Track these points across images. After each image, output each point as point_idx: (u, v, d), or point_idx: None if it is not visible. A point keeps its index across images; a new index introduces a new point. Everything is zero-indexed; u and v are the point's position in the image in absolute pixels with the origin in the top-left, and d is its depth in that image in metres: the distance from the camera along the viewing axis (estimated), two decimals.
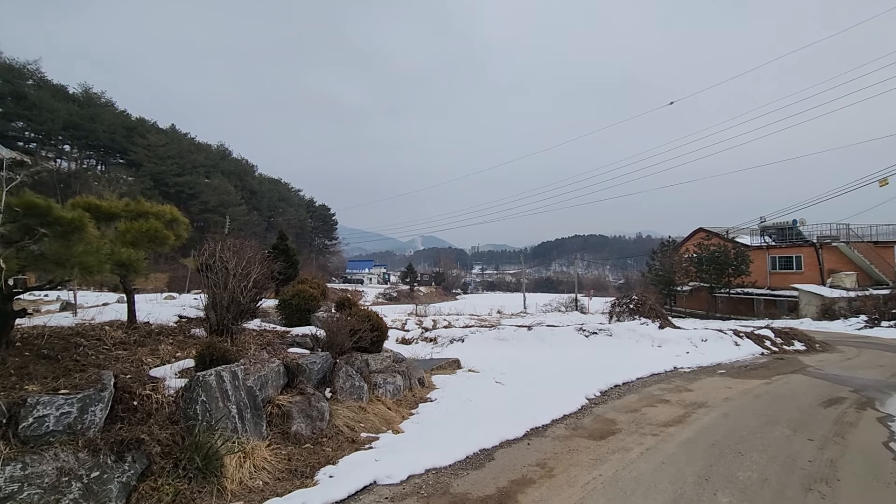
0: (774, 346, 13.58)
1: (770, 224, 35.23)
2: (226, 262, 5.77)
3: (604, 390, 8.27)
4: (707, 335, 13.09)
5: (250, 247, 7.03)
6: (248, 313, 6.14)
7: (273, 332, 6.71)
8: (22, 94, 53.52)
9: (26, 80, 56.27)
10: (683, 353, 11.99)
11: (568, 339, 13.11)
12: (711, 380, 9.44)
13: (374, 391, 6.73)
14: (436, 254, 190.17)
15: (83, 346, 4.49)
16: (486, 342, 13.90)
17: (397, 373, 7.50)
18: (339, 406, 5.82)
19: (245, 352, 5.58)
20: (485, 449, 5.12)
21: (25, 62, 56.73)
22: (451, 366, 10.88)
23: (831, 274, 30.69)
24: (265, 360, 5.54)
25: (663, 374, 9.90)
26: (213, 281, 5.83)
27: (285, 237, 11.79)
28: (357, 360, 6.95)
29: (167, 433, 3.80)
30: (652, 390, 8.46)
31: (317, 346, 6.70)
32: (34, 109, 53.70)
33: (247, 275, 5.99)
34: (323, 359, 6.19)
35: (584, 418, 6.54)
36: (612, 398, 7.83)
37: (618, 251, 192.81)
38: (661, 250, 42.36)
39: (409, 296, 67.59)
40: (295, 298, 7.33)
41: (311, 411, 5.34)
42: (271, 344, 6.18)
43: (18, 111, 53.15)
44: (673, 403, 7.46)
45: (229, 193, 68.86)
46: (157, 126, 71.04)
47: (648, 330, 13.19)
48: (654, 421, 6.41)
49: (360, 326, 7.08)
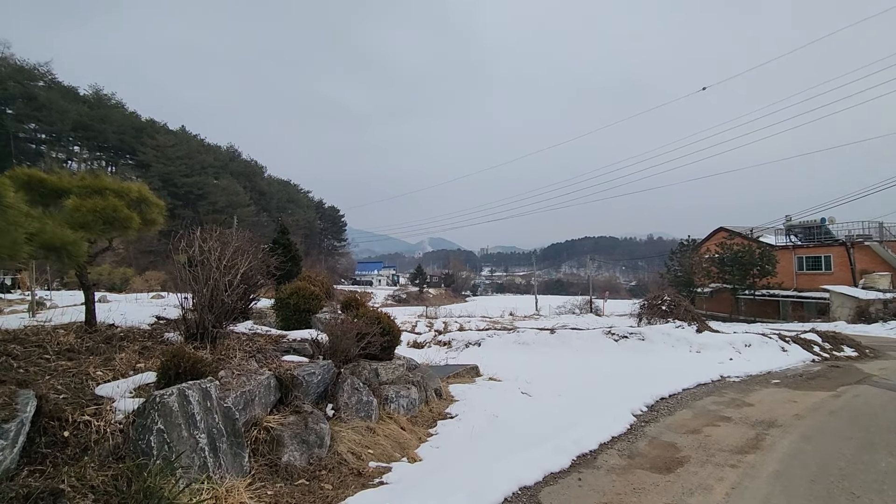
0: (824, 351, 12.30)
1: (796, 223, 33.64)
2: (207, 253, 4.77)
3: (650, 404, 7.13)
4: (750, 340, 11.86)
5: (242, 237, 6.04)
6: (234, 314, 5.15)
7: (266, 336, 5.70)
8: (32, 95, 53.56)
9: (37, 81, 56.34)
10: (726, 359, 10.78)
11: (595, 344, 11.96)
12: (768, 391, 8.25)
13: (385, 406, 5.69)
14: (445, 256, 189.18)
15: (14, 356, 3.50)
16: (505, 346, 12.81)
17: (411, 384, 6.45)
18: (342, 427, 4.78)
19: (227, 361, 4.56)
20: (526, 487, 4.04)
21: (36, 63, 56.87)
22: (470, 373, 9.81)
23: (863, 274, 29.06)
24: (252, 371, 4.52)
25: (711, 385, 8.73)
26: (194, 276, 4.83)
27: (286, 230, 10.82)
28: (365, 370, 5.91)
29: (106, 476, 2.78)
30: (705, 404, 7.31)
31: (317, 354, 5.68)
32: (44, 110, 53.70)
33: (233, 268, 4.98)
34: (324, 369, 5.16)
35: (637, 441, 5.42)
36: (661, 414, 6.70)
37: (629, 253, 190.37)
38: (681, 250, 40.83)
39: (418, 298, 66.58)
40: (293, 297, 6.32)
41: (308, 435, 4.30)
42: (262, 351, 5.17)
43: (28, 112, 53.14)
44: (736, 422, 6.31)
45: (238, 194, 68.47)
46: (166, 127, 70.90)
47: (685, 334, 11.99)
48: (724, 445, 5.28)
49: (369, 330, 6.05)
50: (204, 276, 4.69)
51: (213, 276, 4.72)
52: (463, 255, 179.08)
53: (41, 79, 57.47)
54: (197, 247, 4.71)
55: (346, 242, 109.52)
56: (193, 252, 4.81)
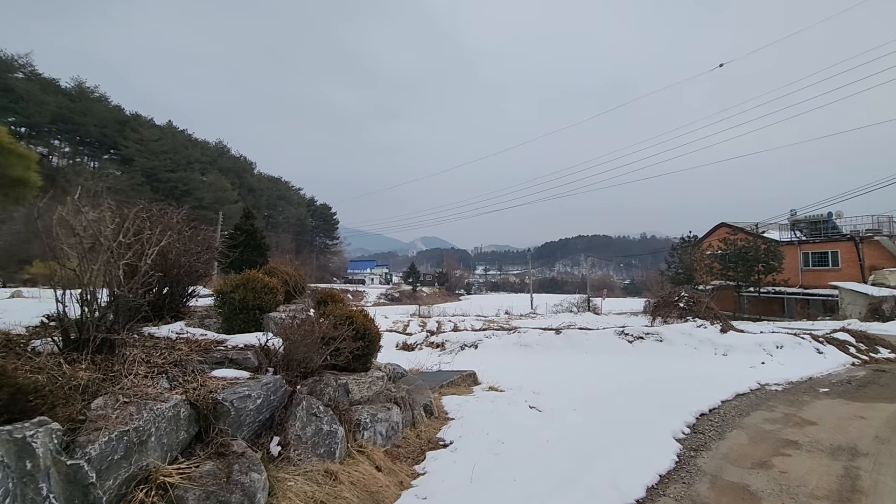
0: (860, 353, 11.04)
1: (801, 218, 32.54)
2: (94, 226, 3.32)
3: (691, 423, 5.77)
4: (782, 340, 10.55)
5: (169, 212, 4.59)
6: (140, 312, 3.70)
7: (196, 342, 4.26)
8: (10, 87, 51.36)
9: (15, 72, 54.09)
10: (758, 363, 9.47)
11: (608, 346, 10.61)
12: (824, 404, 6.92)
13: (356, 436, 4.26)
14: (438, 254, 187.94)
15: None
16: (505, 349, 11.44)
17: (393, 401, 5.04)
18: (289, 473, 3.35)
19: (116, 381, 3.12)
20: None
21: (15, 55, 54.61)
22: (466, 381, 8.43)
23: (872, 270, 28.02)
24: (151, 396, 3.08)
25: (753, 396, 7.39)
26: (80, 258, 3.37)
27: (251, 215, 9.35)
28: (329, 387, 4.47)
29: None
30: (756, 422, 5.96)
31: (265, 366, 4.23)
32: (21, 102, 51.55)
33: (137, 251, 3.54)
34: (268, 388, 3.72)
35: (695, 483, 4.04)
36: (709, 438, 5.33)
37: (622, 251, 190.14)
38: (682, 246, 39.67)
39: (411, 296, 65.11)
40: (239, 291, 4.86)
41: (230, 494, 2.87)
42: (182, 364, 3.71)
43: (5, 104, 50.93)
44: (808, 448, 4.95)
45: (225, 190, 66.51)
46: (152, 122, 68.72)
47: (708, 334, 10.66)
48: (813, 488, 3.92)
49: (337, 333, 4.62)
50: (88, 259, 3.24)
51: (102, 259, 3.27)
52: (457, 254, 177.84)
53: (20, 70, 55.28)
54: (80, 217, 3.25)
55: (339, 241, 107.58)
56: (81, 224, 3.36)
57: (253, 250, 8.16)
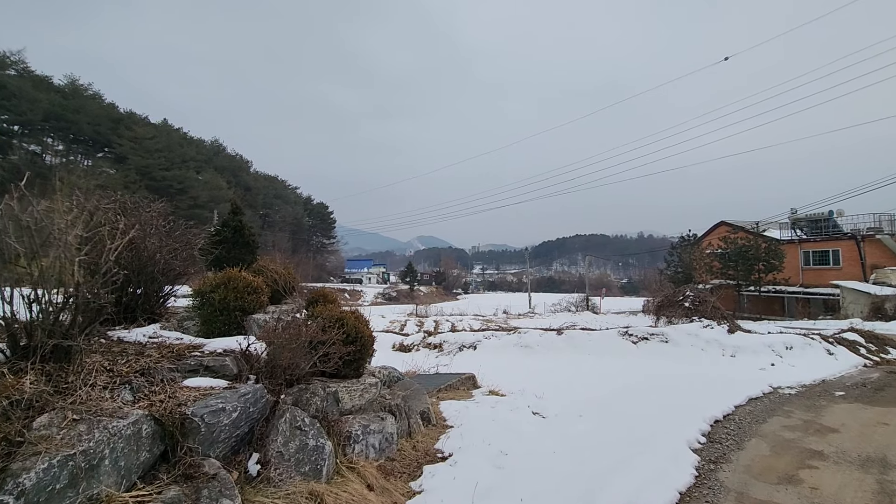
0: (871, 354, 10.73)
1: (802, 216, 32.29)
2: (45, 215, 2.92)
3: (706, 431, 5.41)
4: (791, 341, 10.21)
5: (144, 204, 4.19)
6: (102, 315, 3.31)
7: (169, 347, 3.87)
8: (1, 83, 50.68)
9: (7, 69, 53.38)
10: (768, 364, 9.14)
11: (611, 347, 10.26)
12: (842, 409, 6.57)
13: (346, 450, 3.88)
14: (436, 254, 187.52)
15: None
16: (505, 350, 11.07)
17: (388, 410, 4.66)
18: (267, 498, 2.97)
19: (69, 394, 2.73)
20: None
21: (7, 51, 53.90)
22: (466, 385, 8.06)
23: (874, 269, 27.79)
24: (108, 412, 2.69)
25: (766, 400, 7.04)
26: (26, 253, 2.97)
27: (239, 210, 8.90)
28: (317, 396, 4.08)
29: None
30: (775, 430, 5.61)
31: (246, 373, 3.84)
32: (13, 100, 50.85)
33: (98, 246, 3.14)
34: (246, 399, 3.34)
35: (721, 503, 3.67)
36: (728, 448, 4.96)
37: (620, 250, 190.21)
38: (681, 245, 39.40)
39: (408, 296, 64.70)
40: (219, 291, 4.46)
41: None
42: (150, 372, 3.32)
43: None
44: (835, 460, 4.60)
45: (221, 189, 65.84)
46: (147, 120, 67.98)
47: (715, 335, 10.31)
48: None
49: (326, 337, 4.23)
50: (39, 255, 2.85)
51: (53, 253, 2.88)
52: (454, 253, 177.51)
53: (12, 67, 54.59)
54: (27, 205, 2.85)
55: (336, 240, 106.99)
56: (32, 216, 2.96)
57: (241, 248, 7.75)
